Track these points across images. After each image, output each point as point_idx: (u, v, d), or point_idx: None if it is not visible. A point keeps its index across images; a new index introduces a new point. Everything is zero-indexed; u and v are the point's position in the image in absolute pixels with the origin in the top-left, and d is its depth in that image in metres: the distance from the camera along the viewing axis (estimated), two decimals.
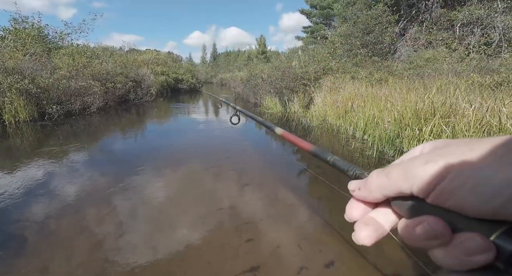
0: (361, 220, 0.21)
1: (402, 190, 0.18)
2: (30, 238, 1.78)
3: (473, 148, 0.16)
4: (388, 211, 0.21)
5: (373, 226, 0.21)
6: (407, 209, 0.18)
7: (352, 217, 0.22)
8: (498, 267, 0.14)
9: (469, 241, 0.15)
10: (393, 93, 4.35)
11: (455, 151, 0.16)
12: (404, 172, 0.18)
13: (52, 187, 2.56)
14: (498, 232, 0.14)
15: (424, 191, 0.17)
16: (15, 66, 5.73)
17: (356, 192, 0.22)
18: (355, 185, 0.22)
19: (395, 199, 0.19)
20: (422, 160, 0.17)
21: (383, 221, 0.21)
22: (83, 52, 9.16)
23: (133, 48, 24.89)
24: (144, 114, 7.88)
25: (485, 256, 0.14)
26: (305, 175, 3.10)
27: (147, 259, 1.59)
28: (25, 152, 3.77)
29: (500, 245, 0.14)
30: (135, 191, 2.49)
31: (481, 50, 7.25)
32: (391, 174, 0.19)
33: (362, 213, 0.22)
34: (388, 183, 0.19)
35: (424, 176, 0.16)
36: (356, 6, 9.54)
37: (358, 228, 0.21)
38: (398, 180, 0.18)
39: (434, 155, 0.17)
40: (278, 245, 1.71)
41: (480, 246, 0.14)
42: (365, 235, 0.20)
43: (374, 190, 0.20)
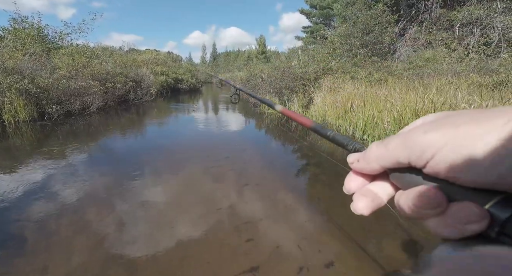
0: (359, 192, 0.22)
1: (400, 160, 0.18)
2: (29, 238, 1.78)
3: (476, 117, 0.15)
4: (386, 184, 0.21)
5: (370, 197, 0.21)
6: (404, 180, 0.19)
7: (350, 189, 0.22)
8: (489, 235, 0.15)
9: (465, 209, 0.15)
10: (393, 93, 4.35)
11: (456, 121, 0.16)
12: (402, 142, 0.18)
13: (51, 187, 2.56)
14: (493, 201, 0.14)
15: (422, 160, 0.16)
16: (14, 66, 5.73)
17: (355, 164, 0.22)
18: (354, 157, 0.22)
19: (393, 171, 0.19)
20: (422, 130, 0.17)
21: (380, 193, 0.21)
22: (82, 52, 9.15)
23: (133, 48, 24.88)
24: (144, 114, 7.88)
25: (480, 224, 0.14)
26: (304, 175, 3.11)
27: (147, 259, 1.59)
28: (25, 152, 3.76)
29: (494, 214, 0.14)
30: (135, 191, 2.50)
31: (480, 50, 7.26)
32: (389, 144, 0.19)
33: (360, 185, 0.22)
34: (386, 154, 0.19)
35: (423, 145, 0.16)
36: (356, 6, 9.54)
37: (356, 199, 0.21)
38: (396, 150, 0.18)
39: (435, 124, 0.17)
40: (277, 245, 1.72)
41: (475, 215, 0.14)
42: (362, 205, 0.21)
43: (372, 161, 0.20)
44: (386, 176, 0.21)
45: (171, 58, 21.12)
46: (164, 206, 2.25)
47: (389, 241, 1.74)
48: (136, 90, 9.93)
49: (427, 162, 0.16)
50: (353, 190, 0.22)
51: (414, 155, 0.17)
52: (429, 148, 0.16)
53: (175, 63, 19.12)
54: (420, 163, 0.17)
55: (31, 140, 4.43)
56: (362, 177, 0.22)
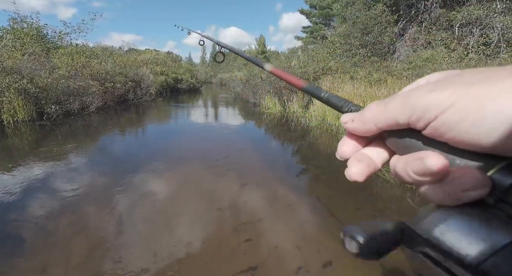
0: (353, 157, 0.20)
1: (399, 121, 0.16)
2: (27, 237, 1.77)
3: (485, 77, 0.14)
4: (381, 148, 0.20)
5: (365, 162, 0.20)
6: (402, 144, 0.17)
7: (343, 154, 0.21)
8: (487, 202, 0.14)
9: (467, 176, 0.14)
10: (392, 93, 4.35)
11: (467, 80, 0.15)
12: (404, 101, 0.16)
13: (50, 187, 2.55)
14: (496, 167, 0.14)
15: (424, 121, 0.15)
16: (13, 65, 5.72)
17: (349, 123, 0.20)
18: (348, 117, 0.20)
19: (391, 135, 0.18)
20: (426, 88, 0.16)
21: (375, 158, 0.20)
22: (82, 52, 9.14)
23: (133, 48, 24.87)
24: (143, 114, 7.87)
25: (480, 191, 0.14)
26: (303, 174, 3.10)
27: (145, 259, 1.58)
28: (24, 152, 3.76)
29: (496, 180, 0.14)
30: (133, 192, 2.49)
31: (480, 51, 7.27)
32: (390, 103, 0.17)
33: (354, 150, 0.21)
34: (385, 113, 0.17)
35: (426, 105, 0.15)
36: (355, 6, 9.55)
37: (350, 164, 0.20)
38: (396, 109, 0.16)
39: (442, 83, 0.15)
40: (276, 245, 1.71)
41: (477, 181, 0.14)
42: (357, 170, 0.19)
43: (368, 121, 0.18)
44: (382, 140, 0.20)
45: (171, 58, 21.12)
46: (163, 206, 2.24)
47: None
48: (136, 90, 9.93)
49: (428, 123, 0.15)
50: (347, 155, 0.21)
51: (415, 115, 0.15)
52: (433, 108, 0.15)
53: (174, 63, 19.11)
54: (420, 124, 0.15)
55: (30, 140, 4.42)
56: (356, 141, 0.21)
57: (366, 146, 0.21)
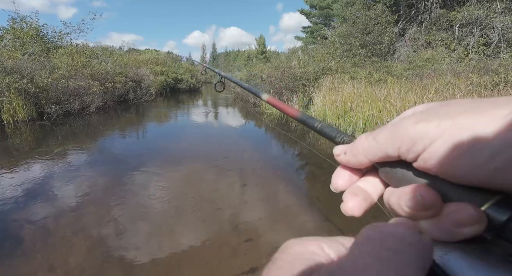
0: (349, 190, 0.20)
1: (389, 153, 0.16)
2: (27, 237, 1.77)
3: (472, 107, 0.14)
4: (376, 180, 0.20)
5: (361, 196, 0.19)
6: (394, 176, 0.17)
7: (338, 186, 0.21)
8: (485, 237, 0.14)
9: (461, 211, 0.14)
10: (392, 93, 4.35)
11: (450, 111, 0.15)
12: (392, 133, 0.16)
13: (50, 187, 2.55)
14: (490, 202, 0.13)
15: (413, 153, 0.15)
16: (13, 65, 5.72)
17: (341, 156, 0.20)
18: (340, 149, 0.20)
19: (382, 166, 0.18)
20: (412, 120, 0.16)
21: (371, 190, 0.20)
22: (82, 51, 9.14)
23: (133, 48, 24.88)
24: (143, 114, 7.87)
25: (476, 227, 0.13)
26: (303, 175, 3.10)
27: (145, 259, 1.58)
28: (24, 152, 3.76)
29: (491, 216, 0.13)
30: (133, 191, 2.49)
31: (480, 51, 7.27)
32: (378, 135, 0.17)
33: (348, 182, 0.20)
34: (375, 146, 0.17)
35: (413, 137, 0.15)
36: (355, 6, 9.55)
37: (346, 198, 0.20)
38: (385, 142, 0.17)
39: (427, 114, 0.15)
40: (277, 245, 1.70)
41: (472, 217, 0.13)
42: (353, 205, 0.19)
43: (359, 154, 0.18)
44: (376, 171, 0.20)
45: (171, 58, 21.11)
46: (163, 206, 2.24)
47: None
48: (136, 90, 9.93)
49: (418, 155, 0.15)
50: (341, 188, 0.21)
51: (404, 147, 0.15)
52: (420, 139, 0.15)
53: (174, 63, 19.12)
54: (410, 156, 0.15)
55: (30, 140, 4.42)
56: (350, 172, 0.21)
57: (361, 177, 0.21)
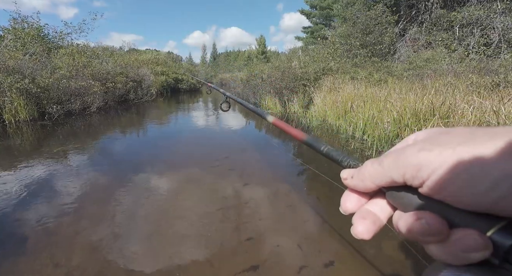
0: (358, 214, 0.21)
1: (394, 179, 0.17)
2: (29, 237, 1.78)
3: (472, 137, 0.15)
4: (384, 203, 0.21)
5: (370, 220, 0.20)
6: (401, 200, 0.18)
7: (346, 209, 0.22)
8: (493, 262, 0.14)
9: (467, 238, 0.14)
10: (392, 94, 4.36)
11: (451, 140, 0.15)
12: (396, 160, 0.17)
13: (51, 187, 2.57)
14: (495, 228, 0.14)
15: (418, 179, 0.16)
16: (15, 65, 5.74)
17: (349, 180, 0.21)
18: (347, 174, 0.21)
19: (389, 190, 0.19)
20: (415, 148, 0.16)
21: (379, 213, 0.20)
22: (83, 52, 9.16)
23: (133, 48, 24.91)
24: (144, 114, 7.89)
25: (482, 253, 0.14)
26: (304, 175, 3.11)
27: (146, 258, 1.60)
28: (25, 152, 3.77)
29: (497, 241, 0.14)
30: (134, 192, 2.50)
31: (480, 51, 7.27)
32: (384, 162, 0.18)
33: (357, 205, 0.21)
34: (381, 172, 0.18)
35: (417, 164, 0.16)
36: (356, 6, 9.55)
37: (356, 222, 0.20)
38: (390, 168, 0.17)
39: (429, 143, 0.16)
40: (278, 244, 1.72)
41: (478, 243, 0.14)
42: (363, 229, 0.20)
43: (366, 179, 0.19)
44: (383, 194, 0.20)
45: (171, 58, 21.14)
46: (164, 205, 2.25)
47: (388, 241, 1.75)
48: (137, 90, 9.95)
49: (423, 182, 0.16)
50: (350, 211, 0.21)
51: (409, 174, 0.16)
52: (424, 167, 0.15)
53: (175, 63, 19.14)
54: (415, 183, 0.16)
55: (32, 140, 4.44)
56: (358, 195, 0.21)
57: (369, 199, 0.21)
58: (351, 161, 0.25)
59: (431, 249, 0.16)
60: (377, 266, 1.54)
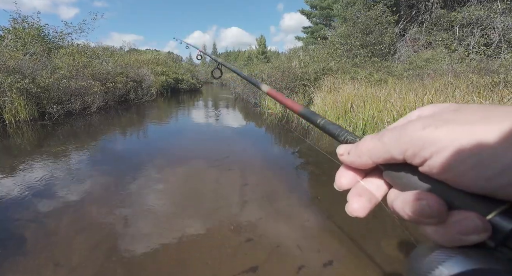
0: (354, 191, 0.20)
1: (394, 156, 0.16)
2: (30, 236, 1.78)
3: (486, 116, 0.14)
4: (380, 181, 0.20)
5: (366, 197, 0.19)
6: (399, 179, 0.17)
7: (341, 185, 0.21)
8: (488, 245, 0.14)
9: (466, 220, 0.14)
10: (392, 94, 4.36)
11: (462, 118, 0.14)
12: (398, 135, 0.16)
13: (51, 186, 2.57)
14: (496, 211, 0.14)
15: (419, 158, 0.15)
16: (15, 65, 5.74)
17: (345, 156, 0.20)
18: (344, 149, 0.20)
19: (387, 168, 0.18)
20: (420, 124, 0.15)
21: (375, 191, 0.20)
22: (83, 52, 9.17)
23: (133, 48, 24.92)
24: (144, 114, 7.89)
25: (480, 236, 0.14)
26: (304, 175, 3.11)
27: (145, 259, 1.59)
28: (26, 152, 3.77)
29: (497, 225, 0.13)
30: (134, 191, 2.50)
31: (480, 51, 7.27)
32: (384, 137, 0.17)
33: (352, 181, 0.20)
34: (380, 147, 0.17)
35: (421, 142, 0.15)
36: (356, 6, 9.55)
37: (351, 199, 0.20)
38: (390, 144, 0.16)
39: (436, 119, 0.15)
40: (277, 244, 1.72)
41: (477, 226, 0.14)
42: (358, 206, 0.19)
43: (363, 155, 0.18)
44: (380, 171, 0.19)
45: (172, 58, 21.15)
46: (163, 205, 2.25)
47: (388, 240, 1.75)
48: (137, 90, 9.95)
49: (425, 160, 0.15)
50: (344, 187, 0.21)
51: (411, 151, 0.15)
52: (428, 145, 0.14)
53: (175, 63, 19.14)
54: (416, 161, 0.15)
55: (32, 140, 4.44)
56: (353, 172, 0.21)
57: (364, 177, 0.21)
58: (349, 136, 0.24)
59: (426, 230, 0.15)
60: (377, 265, 1.54)
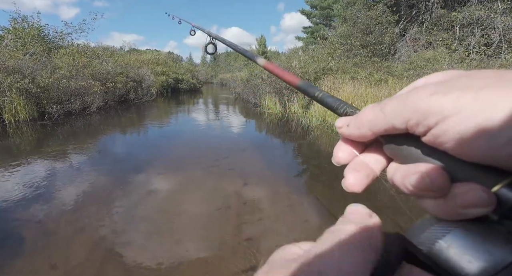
0: (351, 166, 0.19)
1: (396, 126, 0.15)
2: (29, 236, 1.78)
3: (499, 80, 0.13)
4: (379, 155, 0.19)
5: (364, 172, 0.18)
6: (400, 151, 0.16)
7: (339, 160, 0.20)
8: (491, 218, 0.13)
9: (470, 193, 0.13)
10: (393, 93, 4.35)
11: (472, 83, 0.13)
12: (401, 103, 0.15)
13: (51, 186, 2.56)
14: (502, 183, 0.13)
15: (423, 126, 0.14)
16: (15, 65, 5.74)
17: (344, 128, 0.19)
18: (343, 121, 0.19)
19: (387, 139, 0.17)
20: (427, 91, 0.14)
21: (373, 165, 0.19)
22: (83, 52, 9.17)
23: (134, 48, 24.93)
24: (144, 114, 7.88)
25: (484, 209, 0.13)
26: (303, 175, 3.10)
27: (145, 258, 1.59)
28: (25, 152, 3.77)
29: (503, 197, 0.13)
30: (134, 191, 2.50)
31: (481, 51, 7.26)
32: (386, 106, 0.16)
33: (350, 155, 0.20)
34: (381, 117, 0.16)
35: (426, 109, 0.14)
36: (356, 6, 9.55)
37: (348, 173, 0.19)
38: (392, 113, 0.15)
39: (444, 86, 0.14)
40: (277, 244, 1.71)
41: (481, 199, 0.13)
42: (355, 182, 0.18)
43: (363, 126, 0.17)
44: (380, 145, 0.19)
45: (172, 58, 21.15)
46: (163, 205, 2.25)
47: None
48: (137, 90, 9.95)
49: (429, 130, 0.14)
50: (343, 161, 0.20)
51: (414, 120, 0.14)
52: (434, 113, 0.13)
53: (175, 63, 19.14)
54: (420, 130, 0.14)
55: (31, 140, 4.43)
56: (352, 146, 0.20)
57: (363, 151, 0.20)
58: (348, 108, 0.23)
59: (425, 203, 0.15)
60: None
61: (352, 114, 0.22)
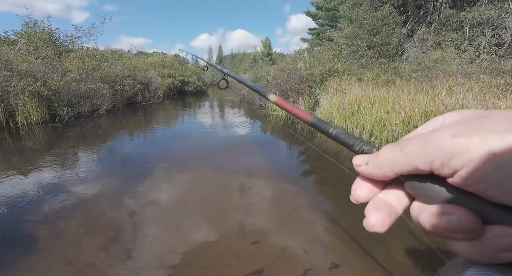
0: (372, 204, 0.19)
1: (419, 167, 0.15)
2: (40, 236, 1.82)
3: None
4: (400, 192, 0.18)
5: (385, 211, 0.18)
6: (424, 191, 0.16)
7: (358, 198, 0.20)
8: None
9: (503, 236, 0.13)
10: (401, 95, 4.29)
11: (496, 125, 0.13)
12: (423, 145, 0.15)
13: (63, 188, 2.62)
14: None
15: (449, 168, 0.14)
16: (28, 69, 5.91)
17: (363, 167, 0.19)
18: (362, 160, 0.19)
19: (410, 179, 0.17)
20: (448, 133, 0.14)
21: (395, 204, 0.18)
22: (92, 55, 9.37)
23: (141, 51, 25.36)
24: (151, 116, 7.99)
25: None
26: (310, 177, 3.08)
27: (151, 261, 1.60)
28: (38, 153, 3.87)
29: None
30: (141, 193, 2.53)
31: (492, 51, 7.10)
32: (406, 147, 0.16)
33: (370, 194, 0.19)
34: (403, 159, 0.16)
35: (450, 151, 0.13)
36: (362, 7, 9.48)
37: (369, 213, 0.18)
38: (415, 154, 0.15)
39: (466, 127, 0.14)
40: (283, 247, 1.71)
41: None
42: (377, 221, 0.18)
43: (384, 166, 0.17)
44: (400, 182, 0.18)
45: (178, 61, 21.38)
46: (169, 208, 2.27)
47: (396, 243, 1.71)
48: (144, 92, 10.10)
49: (455, 171, 0.14)
50: (361, 200, 0.19)
51: (439, 162, 0.14)
52: (459, 155, 0.13)
53: (181, 66, 19.35)
54: (445, 172, 0.14)
55: (43, 142, 4.55)
56: (371, 184, 0.19)
57: (383, 188, 0.19)
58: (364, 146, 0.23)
59: (455, 245, 0.14)
60: (385, 269, 1.51)
61: (369, 152, 0.22)
